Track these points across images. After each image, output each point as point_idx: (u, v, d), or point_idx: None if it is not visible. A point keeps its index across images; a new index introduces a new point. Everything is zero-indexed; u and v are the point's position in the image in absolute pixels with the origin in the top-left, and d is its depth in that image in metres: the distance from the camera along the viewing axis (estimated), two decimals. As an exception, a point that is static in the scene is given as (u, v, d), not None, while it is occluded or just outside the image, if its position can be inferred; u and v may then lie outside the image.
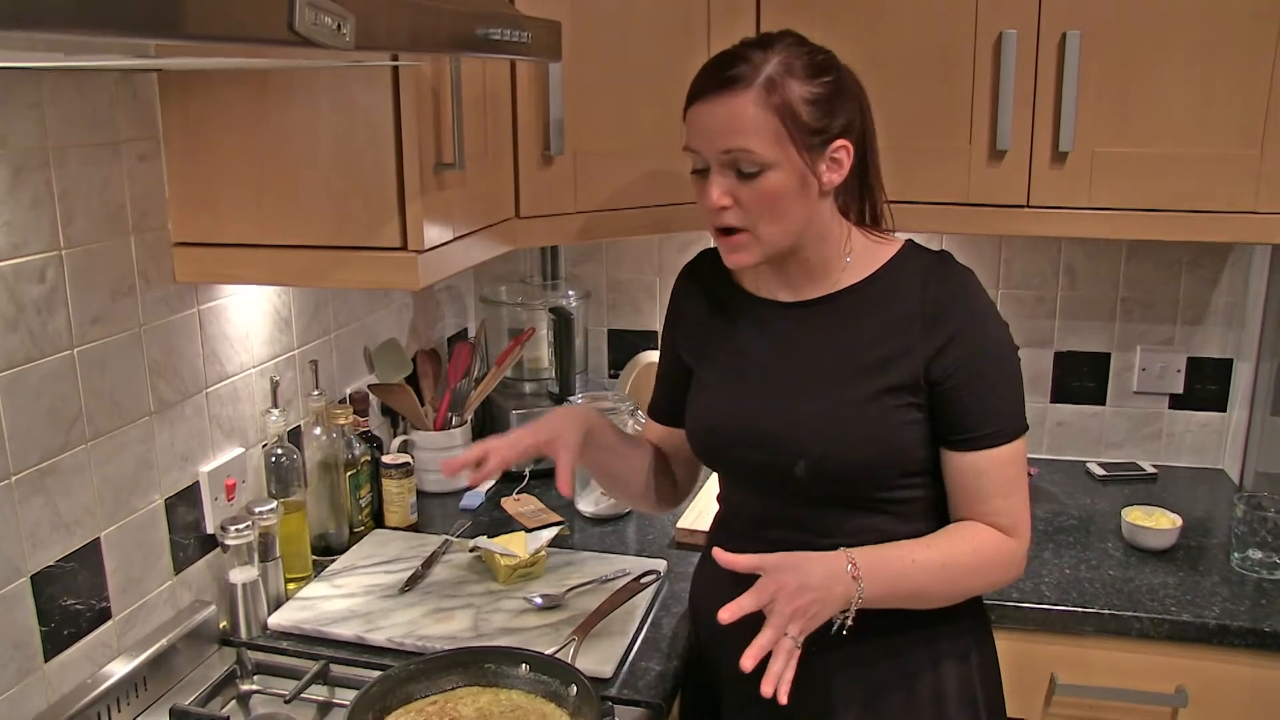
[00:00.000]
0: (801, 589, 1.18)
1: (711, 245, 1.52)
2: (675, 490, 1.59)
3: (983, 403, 1.28)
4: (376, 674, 1.37)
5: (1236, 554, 1.82)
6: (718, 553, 1.24)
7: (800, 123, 1.24)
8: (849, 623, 1.23)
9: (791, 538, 1.33)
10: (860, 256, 1.35)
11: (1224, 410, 2.26)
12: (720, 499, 1.51)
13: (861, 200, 1.38)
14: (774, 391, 1.35)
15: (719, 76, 1.25)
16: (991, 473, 1.29)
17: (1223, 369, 2.24)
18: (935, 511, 1.35)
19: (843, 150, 1.28)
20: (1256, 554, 1.79)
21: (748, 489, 1.42)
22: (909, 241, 1.37)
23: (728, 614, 1.18)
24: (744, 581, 1.43)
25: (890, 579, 1.25)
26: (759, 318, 1.39)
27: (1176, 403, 2.28)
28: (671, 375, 1.53)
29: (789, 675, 1.15)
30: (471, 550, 1.79)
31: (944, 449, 1.31)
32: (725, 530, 1.50)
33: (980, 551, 1.30)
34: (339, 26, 0.75)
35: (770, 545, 1.39)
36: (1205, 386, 2.26)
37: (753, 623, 1.40)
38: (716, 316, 1.44)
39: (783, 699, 1.14)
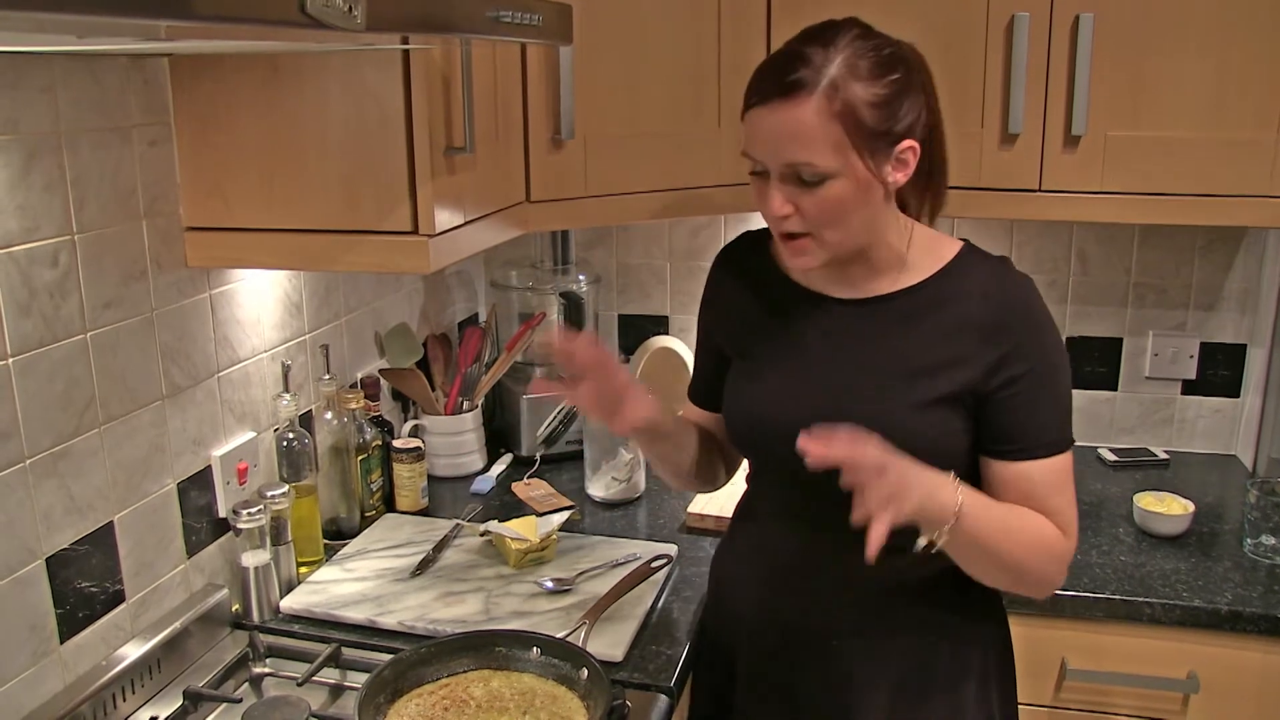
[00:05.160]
0: (885, 467, 1.12)
1: (751, 228, 1.49)
2: (723, 470, 1.54)
3: (1037, 415, 1.25)
4: (388, 657, 1.37)
5: (1249, 540, 1.81)
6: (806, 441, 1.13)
7: (864, 128, 1.18)
8: (936, 544, 1.18)
9: (821, 531, 1.31)
10: (920, 254, 1.31)
11: (1237, 396, 2.25)
12: (749, 480, 1.49)
13: (924, 194, 1.34)
14: (823, 391, 1.31)
15: (780, 82, 1.19)
16: (1044, 478, 1.26)
17: (1236, 354, 2.23)
18: None
19: (909, 151, 1.23)
20: (1269, 540, 1.78)
21: (783, 482, 1.39)
22: (968, 243, 1.34)
23: (810, 444, 1.12)
24: (769, 568, 1.42)
25: (985, 517, 1.21)
26: (809, 313, 1.35)
27: (1189, 388, 2.27)
28: (709, 361, 1.49)
29: (876, 539, 1.10)
30: (482, 534, 1.80)
31: (988, 458, 1.28)
32: (751, 517, 1.48)
33: (1043, 532, 1.26)
34: (350, 9, 0.75)
35: (798, 536, 1.37)
36: (1218, 372, 2.24)
37: (772, 608, 1.40)
38: (761, 306, 1.40)
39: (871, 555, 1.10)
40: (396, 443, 1.96)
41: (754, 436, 1.39)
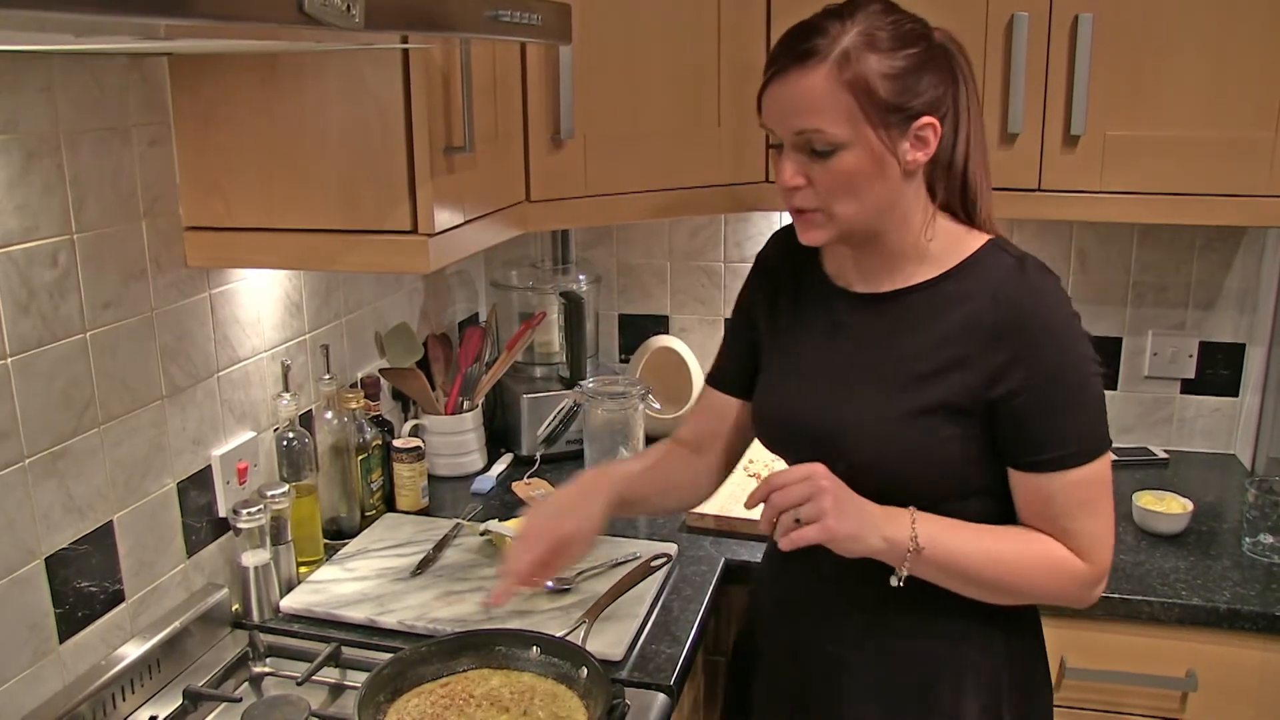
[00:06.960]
0: (821, 488, 1.16)
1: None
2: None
3: (1052, 425, 1.19)
4: (388, 656, 1.37)
5: (1248, 538, 1.81)
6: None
7: (876, 99, 1.15)
8: (903, 576, 1.19)
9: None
10: (942, 246, 1.26)
11: (1236, 395, 2.25)
12: None
13: (951, 182, 1.27)
14: (827, 389, 1.29)
15: (792, 50, 1.18)
16: (1061, 495, 1.20)
17: (1235, 354, 2.23)
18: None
19: (929, 128, 1.19)
20: (1268, 539, 1.78)
21: None
22: (994, 239, 1.28)
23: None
24: (780, 571, 1.40)
25: (955, 548, 1.20)
26: (830, 307, 1.33)
27: (1188, 387, 2.27)
28: (738, 343, 1.45)
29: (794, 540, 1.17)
30: (482, 534, 1.80)
31: (1009, 467, 1.23)
32: None
33: (1045, 557, 1.22)
34: (348, 7, 0.75)
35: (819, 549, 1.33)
36: (1217, 371, 2.24)
37: (781, 614, 1.39)
38: (792, 296, 1.38)
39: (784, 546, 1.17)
40: (397, 442, 1.96)
41: (769, 435, 1.38)
